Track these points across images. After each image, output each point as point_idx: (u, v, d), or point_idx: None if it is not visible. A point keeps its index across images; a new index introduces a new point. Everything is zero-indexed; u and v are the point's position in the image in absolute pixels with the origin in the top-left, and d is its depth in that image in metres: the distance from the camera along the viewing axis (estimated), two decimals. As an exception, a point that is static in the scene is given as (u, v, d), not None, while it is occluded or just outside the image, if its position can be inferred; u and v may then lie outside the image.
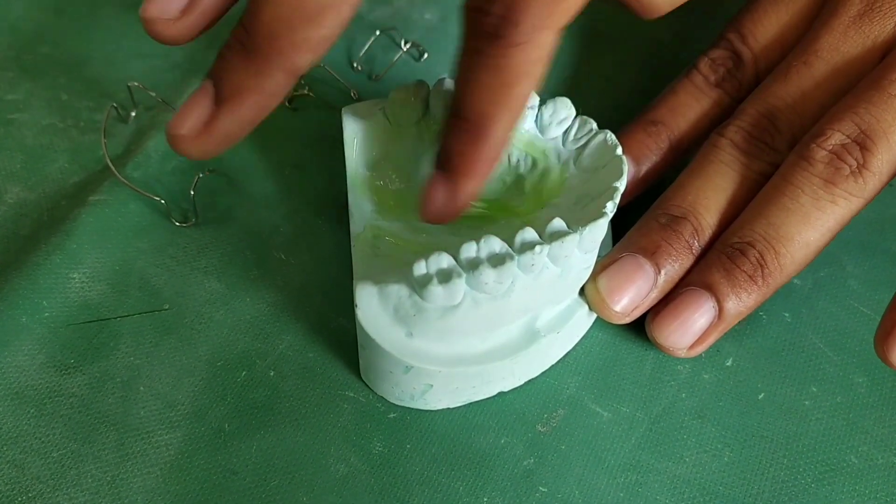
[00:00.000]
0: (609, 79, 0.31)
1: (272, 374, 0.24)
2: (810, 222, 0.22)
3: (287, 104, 0.30)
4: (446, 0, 0.34)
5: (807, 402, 0.24)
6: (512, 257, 0.21)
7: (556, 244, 0.21)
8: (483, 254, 0.21)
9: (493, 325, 0.22)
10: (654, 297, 0.23)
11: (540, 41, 0.20)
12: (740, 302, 0.23)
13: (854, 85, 0.24)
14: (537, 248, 0.21)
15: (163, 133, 0.28)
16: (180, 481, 0.22)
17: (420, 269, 0.21)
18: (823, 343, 0.25)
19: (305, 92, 0.30)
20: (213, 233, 0.27)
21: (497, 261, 0.21)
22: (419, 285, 0.21)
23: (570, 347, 0.24)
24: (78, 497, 0.21)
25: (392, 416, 0.23)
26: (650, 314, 0.24)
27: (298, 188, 0.28)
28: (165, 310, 0.25)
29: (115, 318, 0.25)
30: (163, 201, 0.27)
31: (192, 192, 0.26)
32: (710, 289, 0.23)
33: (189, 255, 0.26)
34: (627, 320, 0.24)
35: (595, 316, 0.24)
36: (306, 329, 0.25)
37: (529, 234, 0.21)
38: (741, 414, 0.23)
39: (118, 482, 0.22)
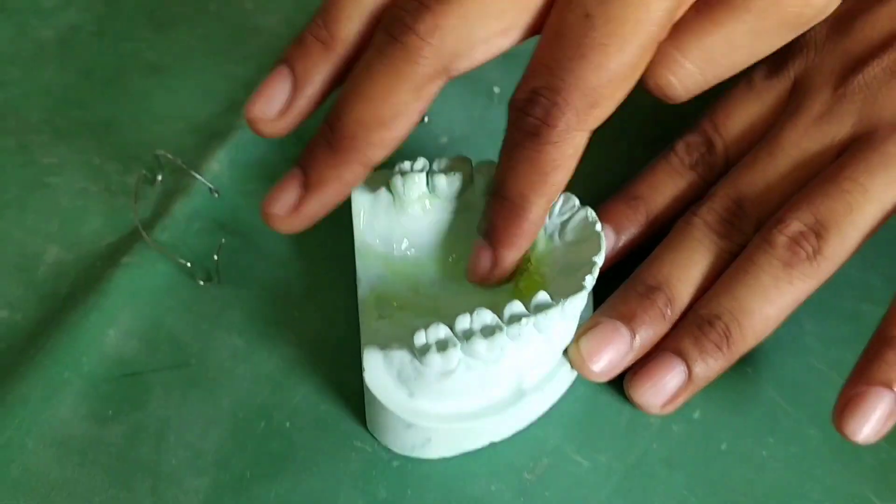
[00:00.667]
0: (604, 148, 0.34)
1: (288, 424, 0.27)
2: (770, 299, 0.25)
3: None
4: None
5: (764, 452, 0.26)
6: (501, 328, 0.24)
7: (540, 315, 0.24)
8: (476, 325, 0.24)
9: (484, 386, 0.25)
10: (630, 359, 0.26)
11: (573, 141, 0.23)
12: (708, 367, 0.26)
13: (813, 177, 0.27)
14: (524, 319, 0.24)
15: (188, 197, 0.31)
16: (208, 524, 0.25)
17: (420, 338, 0.24)
18: (781, 397, 0.28)
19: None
20: (233, 291, 0.30)
21: (488, 332, 0.24)
22: (419, 353, 0.24)
23: (554, 402, 0.27)
24: (118, 538, 0.24)
25: (395, 464, 0.26)
26: (627, 374, 0.27)
27: (311, 247, 0.31)
28: (192, 364, 0.28)
29: (147, 373, 0.27)
30: (188, 264, 0.29)
31: (216, 257, 0.29)
32: (681, 354, 0.26)
33: (213, 313, 0.29)
34: (605, 379, 0.26)
35: (577, 373, 0.27)
36: (318, 383, 0.28)
37: (517, 306, 0.24)
38: (705, 463, 0.26)
39: (153, 525, 0.25)
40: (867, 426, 0.23)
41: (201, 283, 0.30)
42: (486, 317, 0.24)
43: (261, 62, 0.37)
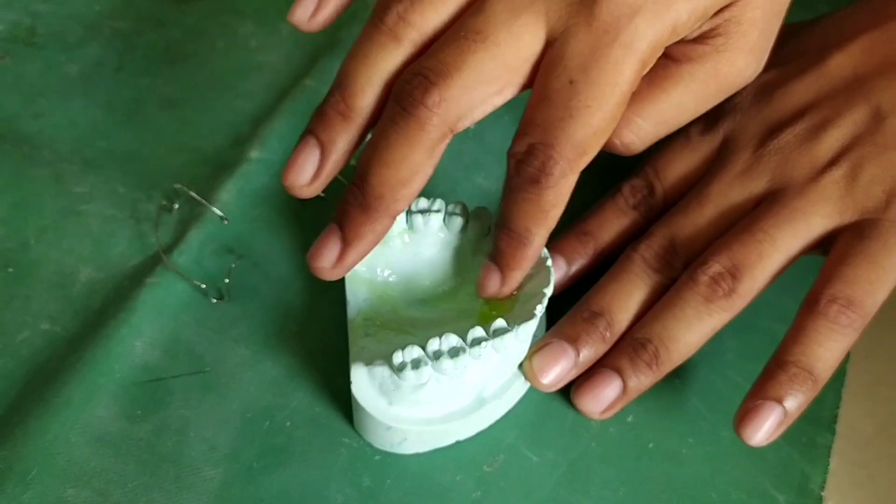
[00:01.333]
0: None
1: (288, 424, 0.32)
2: (692, 328, 0.30)
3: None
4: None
5: (684, 451, 0.32)
6: (465, 350, 0.29)
7: (497, 339, 0.29)
8: (444, 347, 0.29)
9: (451, 396, 0.30)
10: (574, 373, 0.32)
11: (567, 182, 0.27)
12: (640, 382, 0.31)
13: (733, 223, 0.32)
14: (483, 343, 0.29)
15: (201, 224, 0.36)
16: (222, 506, 0.30)
17: (398, 357, 0.29)
18: (702, 404, 0.33)
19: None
20: (241, 308, 0.35)
21: (454, 353, 0.29)
22: (397, 369, 0.29)
23: (510, 407, 0.32)
24: (149, 517, 0.29)
25: (377, 458, 0.31)
26: (573, 386, 0.32)
27: (309, 271, 0.36)
28: (207, 371, 0.33)
29: (169, 378, 0.33)
30: (203, 285, 0.34)
31: (227, 280, 0.34)
32: (619, 371, 0.31)
33: (224, 327, 0.34)
34: (553, 390, 0.32)
35: (529, 384, 0.32)
36: (313, 388, 0.33)
37: (479, 331, 0.29)
38: (636, 459, 0.32)
39: (177, 507, 0.30)
40: (760, 433, 0.29)
41: (214, 301, 0.35)
42: (452, 340, 0.29)
43: (263, 98, 0.42)
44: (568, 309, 0.33)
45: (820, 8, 0.39)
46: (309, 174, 0.29)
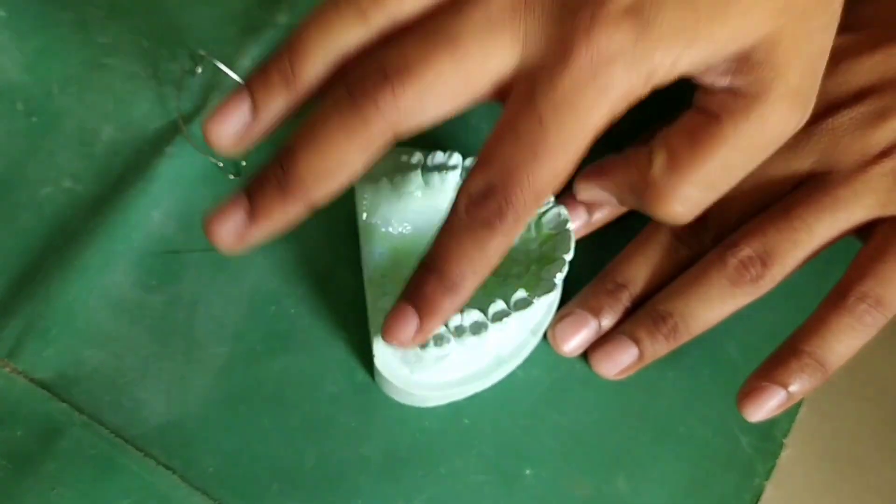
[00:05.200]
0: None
1: (293, 311, 0.33)
2: (714, 308, 0.31)
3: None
4: None
5: (662, 384, 0.33)
6: (486, 326, 0.29)
7: (519, 312, 0.30)
8: (466, 322, 0.30)
9: (471, 362, 0.31)
10: (594, 339, 0.33)
11: (518, 228, 0.25)
12: (655, 351, 0.32)
13: (770, 201, 0.31)
14: (505, 319, 0.30)
15: (223, 92, 0.36)
16: (225, 383, 0.32)
17: None
18: (695, 352, 0.34)
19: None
20: (257, 187, 0.35)
21: (476, 328, 0.30)
22: (420, 346, 0.29)
23: (521, 361, 0.33)
24: (158, 386, 0.32)
25: (371, 356, 0.33)
26: (590, 349, 0.33)
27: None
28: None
29: (184, 253, 0.34)
30: (220, 164, 0.35)
31: (244, 163, 0.35)
32: (636, 340, 0.32)
33: (238, 205, 0.35)
34: (574, 355, 0.33)
35: (539, 338, 0.33)
36: (320, 278, 0.34)
37: (500, 305, 0.30)
38: (614, 386, 0.33)
39: (185, 379, 0.32)
40: (761, 412, 0.30)
41: (231, 177, 0.35)
42: (474, 315, 0.30)
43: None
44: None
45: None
46: (233, 131, 0.26)
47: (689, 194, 0.28)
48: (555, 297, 0.32)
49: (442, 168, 0.32)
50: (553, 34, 0.24)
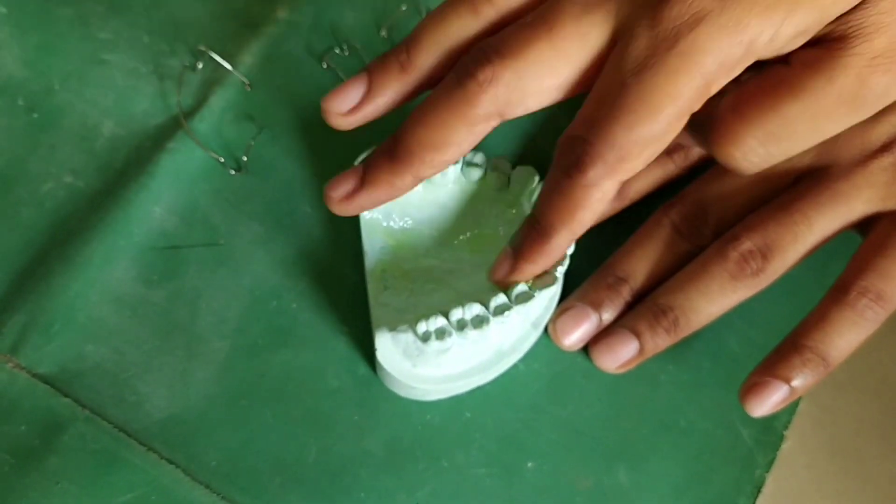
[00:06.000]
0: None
1: (294, 306, 0.34)
2: (715, 302, 0.31)
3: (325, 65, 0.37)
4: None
5: (663, 377, 0.33)
6: (487, 320, 0.29)
7: (520, 305, 0.30)
8: (468, 316, 0.30)
9: (473, 358, 0.31)
10: (594, 333, 0.33)
11: (602, 187, 0.27)
12: (657, 345, 0.32)
13: (770, 195, 0.31)
14: (506, 312, 0.30)
15: (224, 87, 0.36)
16: (227, 377, 0.32)
17: (422, 327, 0.30)
18: (695, 346, 0.34)
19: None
20: (258, 182, 0.35)
21: (478, 322, 0.30)
22: (422, 338, 0.29)
23: (524, 353, 0.33)
24: (160, 380, 0.32)
25: (374, 350, 0.33)
26: (591, 343, 0.33)
27: (327, 148, 0.36)
28: (221, 244, 0.34)
29: (185, 248, 0.34)
30: (221, 159, 0.35)
31: (245, 158, 0.35)
32: (637, 334, 0.32)
33: (239, 200, 0.35)
34: (575, 349, 0.33)
35: (540, 332, 0.33)
36: (321, 273, 0.34)
37: (501, 298, 0.30)
38: (616, 379, 0.33)
39: (187, 373, 0.32)
40: (764, 407, 0.30)
41: (232, 172, 0.35)
42: (475, 309, 0.30)
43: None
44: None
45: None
46: (348, 105, 0.29)
47: (747, 138, 0.27)
48: (556, 290, 0.32)
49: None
50: (641, 3, 0.25)
